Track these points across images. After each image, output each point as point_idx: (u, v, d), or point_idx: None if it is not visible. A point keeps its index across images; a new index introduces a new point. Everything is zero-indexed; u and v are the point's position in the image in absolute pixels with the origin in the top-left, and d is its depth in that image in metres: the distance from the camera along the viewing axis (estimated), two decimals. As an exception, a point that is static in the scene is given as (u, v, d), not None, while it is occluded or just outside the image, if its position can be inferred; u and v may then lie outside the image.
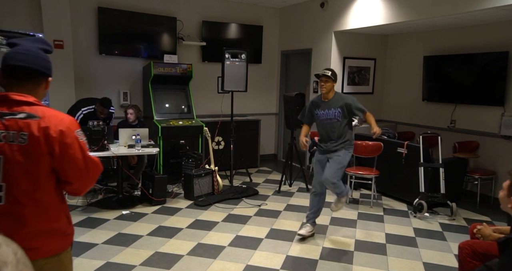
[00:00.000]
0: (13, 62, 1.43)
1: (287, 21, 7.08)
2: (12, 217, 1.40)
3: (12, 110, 1.42)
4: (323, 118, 3.79)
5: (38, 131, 1.41)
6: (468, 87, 5.31)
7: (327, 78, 3.69)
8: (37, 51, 1.48)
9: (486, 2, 3.91)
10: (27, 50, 1.45)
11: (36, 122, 1.41)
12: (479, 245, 2.53)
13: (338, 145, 3.76)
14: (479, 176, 4.92)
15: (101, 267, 3.17)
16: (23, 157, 1.40)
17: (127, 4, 5.79)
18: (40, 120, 1.42)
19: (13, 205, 1.40)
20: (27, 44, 1.48)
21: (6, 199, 1.39)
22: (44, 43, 1.54)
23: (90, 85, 5.70)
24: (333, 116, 3.74)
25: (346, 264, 3.35)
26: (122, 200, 4.71)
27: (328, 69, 3.76)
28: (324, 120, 3.79)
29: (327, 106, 3.75)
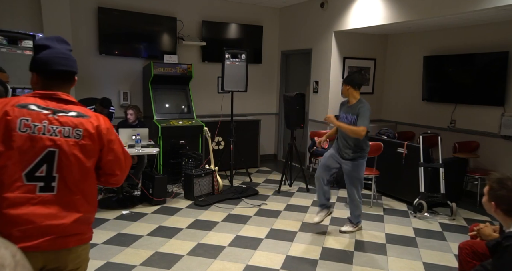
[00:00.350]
0: (58, 67, 1.55)
1: (287, 21, 7.08)
2: (66, 205, 1.52)
3: (63, 108, 1.55)
4: (341, 122, 3.89)
5: (93, 129, 1.57)
6: (468, 87, 5.31)
7: (346, 84, 3.84)
8: (70, 53, 1.61)
9: (486, 2, 3.91)
10: (65, 54, 1.58)
11: (89, 121, 1.58)
12: (479, 245, 2.53)
13: (351, 154, 3.84)
14: (479, 176, 4.92)
15: (101, 267, 3.17)
16: (78, 151, 1.54)
17: (127, 4, 5.79)
18: (91, 120, 1.59)
19: (67, 194, 1.53)
20: (58, 46, 1.57)
21: (59, 188, 1.50)
22: (67, 43, 1.64)
23: (90, 85, 5.70)
24: (350, 122, 3.79)
25: (346, 264, 3.35)
26: (122, 200, 4.72)
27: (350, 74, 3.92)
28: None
29: (348, 110, 3.87)
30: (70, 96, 1.60)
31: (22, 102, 1.48)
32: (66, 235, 1.52)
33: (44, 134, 1.48)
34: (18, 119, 1.44)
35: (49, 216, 1.47)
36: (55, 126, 1.50)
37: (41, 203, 1.46)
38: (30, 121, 1.46)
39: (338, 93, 6.22)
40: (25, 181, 1.44)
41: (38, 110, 1.49)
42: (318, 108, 6.41)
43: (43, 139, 1.47)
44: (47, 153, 1.48)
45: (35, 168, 1.46)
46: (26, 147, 1.45)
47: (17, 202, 1.42)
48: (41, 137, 1.47)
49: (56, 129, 1.50)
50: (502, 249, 1.91)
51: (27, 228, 1.43)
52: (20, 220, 1.42)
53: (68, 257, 1.55)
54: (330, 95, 6.15)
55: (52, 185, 1.49)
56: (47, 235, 1.47)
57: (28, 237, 1.43)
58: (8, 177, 1.42)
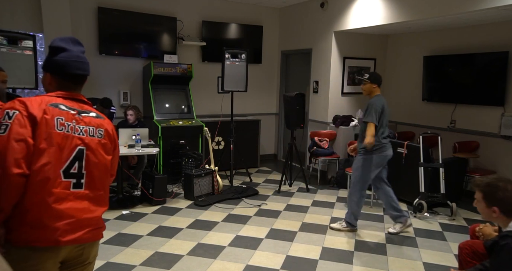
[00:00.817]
0: (75, 71, 1.64)
1: (287, 21, 7.08)
2: (94, 200, 1.62)
3: (84, 108, 1.66)
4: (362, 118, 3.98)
5: (111, 130, 1.71)
6: (468, 87, 5.31)
7: (365, 81, 3.86)
8: (85, 56, 1.69)
9: (486, 2, 3.91)
10: (81, 58, 1.65)
11: (105, 122, 1.70)
12: (479, 245, 2.52)
13: (360, 149, 3.90)
14: (479, 176, 4.91)
15: (101, 267, 3.17)
16: (101, 149, 1.65)
17: (127, 4, 5.79)
18: (106, 121, 1.71)
19: (93, 190, 1.62)
20: (74, 49, 1.64)
21: (87, 185, 1.59)
22: (81, 44, 1.71)
23: (90, 86, 5.67)
24: (362, 117, 3.91)
25: (346, 264, 3.35)
26: (122, 200, 4.71)
27: (368, 72, 3.93)
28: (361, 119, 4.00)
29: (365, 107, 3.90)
30: (84, 97, 1.70)
31: (53, 101, 1.55)
32: (98, 227, 1.65)
33: (74, 133, 1.57)
34: (55, 118, 1.52)
35: (84, 210, 1.57)
36: (81, 126, 1.59)
37: (76, 198, 1.55)
38: (64, 120, 1.54)
39: (338, 93, 6.24)
40: (63, 177, 1.52)
41: (67, 110, 1.57)
42: (318, 108, 6.41)
43: (74, 138, 1.56)
44: (78, 151, 1.57)
45: (70, 165, 1.54)
46: (63, 145, 1.53)
47: (61, 197, 1.51)
48: (73, 136, 1.56)
49: (83, 129, 1.60)
50: (499, 248, 1.91)
51: (71, 221, 1.52)
52: (65, 214, 1.50)
53: (93, 249, 1.67)
54: (330, 95, 6.15)
55: (81, 182, 1.57)
56: (86, 227, 1.57)
57: (72, 230, 1.52)
58: (52, 173, 1.49)
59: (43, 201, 1.46)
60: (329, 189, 5.64)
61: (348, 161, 5.66)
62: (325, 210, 4.75)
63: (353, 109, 6.32)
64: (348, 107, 6.34)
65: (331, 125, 6.11)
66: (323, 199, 5.17)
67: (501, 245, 1.91)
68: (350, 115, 6.15)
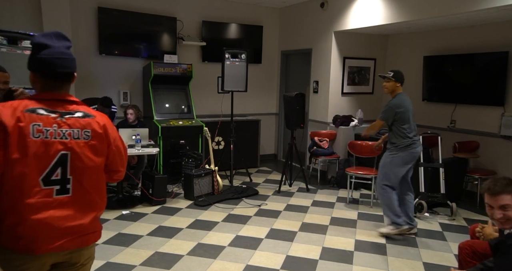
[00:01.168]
0: (58, 70, 1.53)
1: (287, 21, 7.08)
2: (83, 205, 1.56)
3: (69, 109, 1.56)
4: None
5: (100, 129, 1.60)
6: (468, 87, 5.31)
7: (388, 79, 3.84)
8: (69, 52, 1.58)
9: (486, 2, 3.91)
10: (65, 54, 1.55)
11: (95, 120, 1.60)
12: (479, 245, 2.53)
13: (389, 146, 3.92)
14: (479, 176, 4.92)
15: (101, 267, 3.17)
16: (89, 152, 1.56)
17: (127, 4, 5.79)
18: (96, 119, 1.61)
19: (82, 194, 1.56)
20: (58, 44, 1.54)
21: (75, 190, 1.54)
22: (66, 38, 1.60)
23: (90, 86, 5.70)
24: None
25: (346, 264, 3.35)
26: (122, 200, 4.72)
27: (392, 70, 3.89)
28: None
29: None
30: (73, 97, 1.60)
31: (30, 106, 1.48)
32: (85, 234, 1.58)
33: (55, 138, 1.49)
34: (30, 125, 1.44)
35: (68, 217, 1.51)
36: (64, 129, 1.51)
37: (59, 205, 1.50)
38: (42, 126, 1.47)
39: (338, 93, 6.24)
40: (42, 185, 1.46)
41: (46, 114, 1.49)
42: (318, 108, 6.41)
43: (55, 143, 1.49)
44: (60, 156, 1.50)
45: (51, 172, 1.48)
46: (41, 152, 1.46)
47: (38, 207, 1.45)
48: (53, 141, 1.49)
49: (66, 132, 1.52)
50: (506, 247, 1.90)
51: (50, 231, 1.47)
52: (42, 224, 1.45)
53: (83, 253, 1.61)
54: (330, 95, 6.16)
55: (67, 187, 1.52)
56: (68, 236, 1.52)
57: (52, 238, 1.48)
58: (27, 183, 1.44)
59: (17, 212, 1.42)
60: (329, 189, 5.64)
61: (348, 161, 5.66)
62: (325, 210, 4.75)
63: (353, 109, 6.32)
64: (348, 107, 6.34)
65: (331, 125, 6.12)
66: (323, 199, 5.17)
67: (508, 244, 1.90)
68: (350, 115, 6.16)
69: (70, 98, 1.58)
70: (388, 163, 3.88)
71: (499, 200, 1.92)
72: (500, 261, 1.96)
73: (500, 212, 1.93)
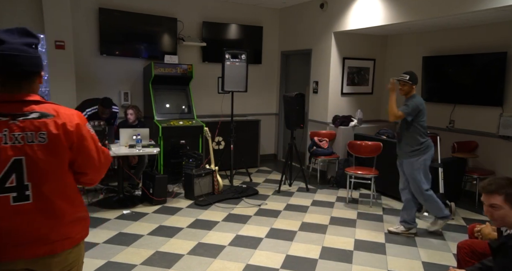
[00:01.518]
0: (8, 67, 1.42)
1: (287, 21, 7.10)
2: (46, 211, 1.46)
3: (23, 111, 1.43)
4: None
5: (57, 129, 1.45)
6: (467, 88, 5.33)
7: (404, 82, 3.85)
8: (26, 49, 1.45)
9: (486, 3, 3.93)
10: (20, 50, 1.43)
11: (52, 120, 1.45)
12: (478, 245, 2.54)
13: (406, 153, 3.90)
14: (478, 175, 4.94)
15: (102, 266, 3.19)
16: (46, 155, 1.44)
17: (127, 5, 5.81)
18: (55, 118, 1.46)
19: (45, 201, 1.46)
20: (16, 41, 1.44)
21: (35, 197, 1.44)
22: (31, 35, 1.49)
23: (91, 86, 5.72)
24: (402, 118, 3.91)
25: (345, 263, 3.37)
26: (122, 200, 4.74)
27: (407, 73, 3.88)
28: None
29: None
30: (33, 96, 1.47)
31: None
32: (51, 242, 1.47)
33: (6, 143, 1.38)
34: None
35: (29, 225, 1.43)
36: (16, 133, 1.40)
37: (18, 213, 1.41)
38: None
39: (338, 93, 6.26)
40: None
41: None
42: (318, 108, 6.43)
43: (6, 149, 1.38)
44: (13, 162, 1.39)
45: (4, 179, 1.39)
46: None
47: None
48: (4, 147, 1.38)
49: (19, 136, 1.40)
50: (507, 248, 1.92)
51: (9, 238, 1.40)
52: (1, 231, 1.39)
53: (52, 261, 1.49)
54: (330, 95, 6.18)
55: (26, 194, 1.42)
56: (31, 244, 1.43)
57: (12, 246, 1.41)
58: None
59: None
60: (328, 189, 5.66)
61: (348, 161, 5.68)
62: (324, 209, 4.77)
63: (352, 109, 6.34)
64: (348, 108, 6.37)
65: (331, 125, 6.14)
66: (323, 199, 5.19)
67: (509, 245, 1.92)
68: (349, 115, 6.18)
69: (27, 99, 1.45)
70: (417, 169, 3.85)
71: (491, 199, 1.99)
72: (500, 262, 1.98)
73: (487, 209, 2.01)
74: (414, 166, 3.84)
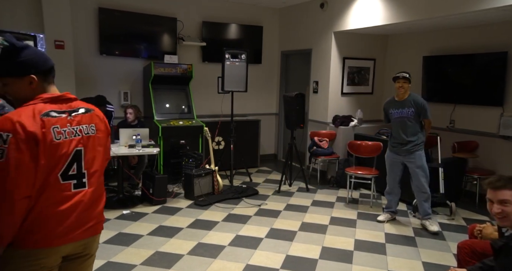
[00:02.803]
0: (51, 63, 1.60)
1: (287, 21, 7.09)
2: (96, 195, 1.65)
3: (72, 107, 1.60)
4: (397, 117, 4.11)
5: (100, 122, 1.70)
6: (467, 88, 5.32)
7: (405, 80, 4.00)
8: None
9: (486, 3, 3.93)
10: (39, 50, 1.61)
11: (95, 114, 1.68)
12: (478, 245, 2.54)
13: (413, 147, 4.06)
14: (478, 175, 4.93)
15: (102, 266, 3.19)
16: (97, 145, 1.66)
17: (127, 5, 5.80)
18: (96, 112, 1.70)
19: (95, 186, 1.64)
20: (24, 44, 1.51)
21: (90, 182, 1.61)
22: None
23: (90, 86, 5.71)
24: (407, 115, 4.05)
25: (345, 263, 3.37)
26: (122, 200, 4.73)
27: (405, 71, 4.06)
28: (397, 118, 4.11)
29: (401, 105, 4.09)
30: (70, 94, 1.63)
31: (44, 110, 1.48)
32: (98, 222, 1.68)
33: (72, 136, 1.55)
34: (51, 129, 1.47)
35: (85, 207, 1.59)
36: (75, 126, 1.57)
37: (77, 198, 1.56)
38: (60, 128, 1.51)
39: (338, 93, 6.25)
40: (61, 180, 1.51)
41: (58, 115, 1.52)
42: (318, 108, 6.43)
43: (73, 141, 1.55)
44: (75, 152, 1.56)
45: (68, 167, 1.54)
46: (62, 152, 1.51)
47: (57, 201, 1.50)
48: (70, 140, 1.54)
49: (77, 129, 1.58)
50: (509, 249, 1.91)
51: (70, 222, 1.53)
52: (62, 216, 1.51)
53: (95, 242, 1.70)
54: (330, 95, 6.17)
55: (83, 181, 1.59)
56: (87, 223, 1.60)
57: (74, 228, 1.55)
58: (48, 180, 1.47)
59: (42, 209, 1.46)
60: (328, 189, 5.66)
61: (348, 161, 5.68)
62: (325, 209, 4.77)
63: (352, 109, 6.33)
64: (348, 108, 6.36)
65: (331, 125, 6.13)
66: (323, 199, 5.18)
67: (511, 245, 1.91)
68: (349, 115, 6.17)
69: (70, 96, 1.62)
70: (424, 162, 4.10)
71: (500, 195, 1.96)
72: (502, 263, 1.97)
73: (498, 206, 1.97)
74: (423, 158, 4.07)
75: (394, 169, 4.26)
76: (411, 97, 4.07)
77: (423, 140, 4.11)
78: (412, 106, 4.04)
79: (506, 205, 1.95)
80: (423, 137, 4.11)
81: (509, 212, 1.95)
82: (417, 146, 4.06)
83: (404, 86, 4.03)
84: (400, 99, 4.11)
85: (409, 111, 4.05)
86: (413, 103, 4.04)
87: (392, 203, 4.38)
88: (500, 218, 1.99)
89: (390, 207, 4.41)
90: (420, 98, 4.12)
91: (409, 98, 4.07)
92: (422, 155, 4.09)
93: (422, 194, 4.12)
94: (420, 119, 4.08)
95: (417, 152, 4.06)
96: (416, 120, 4.06)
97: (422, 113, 4.04)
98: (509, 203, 1.95)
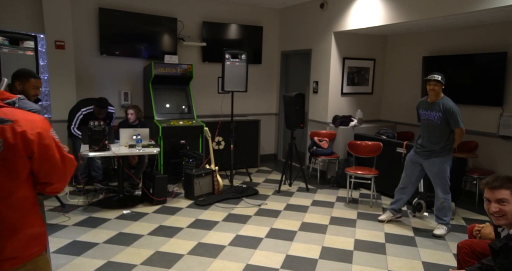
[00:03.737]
0: None
1: (287, 21, 7.10)
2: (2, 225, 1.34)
3: None
4: (424, 118, 4.00)
5: (13, 138, 1.31)
6: (467, 88, 5.33)
7: (436, 83, 3.85)
8: None
9: (485, 3, 3.94)
10: None
11: (11, 127, 1.31)
12: (478, 245, 2.55)
13: (435, 152, 3.94)
14: (478, 175, 4.94)
15: (102, 266, 3.19)
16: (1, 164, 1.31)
17: (128, 5, 5.81)
18: (14, 125, 1.32)
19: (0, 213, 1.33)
20: None
21: None
22: None
23: (91, 86, 5.72)
24: (433, 119, 3.91)
25: (345, 263, 3.37)
26: (123, 200, 4.74)
27: (437, 73, 3.91)
28: (424, 120, 4.01)
29: (430, 107, 3.94)
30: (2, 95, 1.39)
31: None
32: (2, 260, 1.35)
33: None
34: None
35: None
36: None
37: None
38: None
39: (338, 93, 6.26)
40: None
41: None
42: (318, 108, 6.44)
43: None
44: None
45: None
46: None
47: None
48: None
49: None
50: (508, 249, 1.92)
51: None
52: None
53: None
54: (330, 95, 6.18)
55: None
56: None
57: None
58: None
59: None
60: (328, 189, 5.67)
61: (348, 161, 5.68)
62: (324, 209, 4.77)
63: (352, 109, 6.34)
64: (348, 108, 6.37)
65: (331, 125, 6.14)
66: (323, 199, 5.19)
67: (511, 246, 1.91)
68: (349, 115, 6.18)
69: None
70: (445, 169, 3.94)
71: (497, 194, 2.01)
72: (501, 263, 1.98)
73: (496, 205, 2.02)
74: (445, 163, 3.93)
75: (410, 167, 4.16)
76: (441, 101, 3.86)
77: (450, 149, 3.90)
78: (440, 110, 3.82)
79: (504, 204, 2.00)
80: (449, 146, 3.90)
81: (507, 210, 2.00)
82: (440, 150, 3.90)
83: (435, 89, 3.84)
84: (431, 101, 3.93)
85: (436, 115, 3.86)
86: (441, 107, 3.82)
87: (398, 201, 4.28)
88: (496, 217, 2.04)
89: (394, 204, 4.32)
90: (450, 103, 3.83)
91: (439, 101, 3.86)
92: (443, 161, 3.90)
93: (436, 200, 4.02)
94: (451, 127, 3.84)
95: (437, 158, 3.92)
96: (443, 126, 3.84)
97: (450, 120, 3.80)
98: (507, 201, 1.99)
